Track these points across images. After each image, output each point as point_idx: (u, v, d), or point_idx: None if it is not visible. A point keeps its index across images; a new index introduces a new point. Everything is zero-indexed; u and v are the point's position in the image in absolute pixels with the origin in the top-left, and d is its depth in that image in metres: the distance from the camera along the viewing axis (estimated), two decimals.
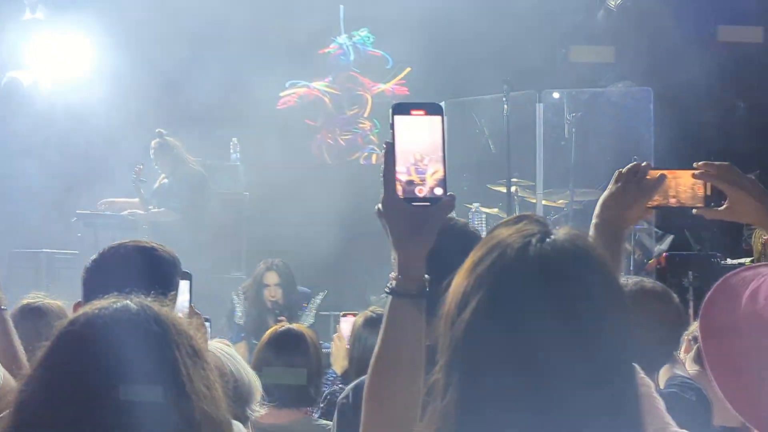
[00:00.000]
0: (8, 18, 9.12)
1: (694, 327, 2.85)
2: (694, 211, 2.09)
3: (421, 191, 1.45)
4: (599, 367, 1.16)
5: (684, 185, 2.06)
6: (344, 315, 4.32)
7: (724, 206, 2.05)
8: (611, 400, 1.16)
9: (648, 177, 2.03)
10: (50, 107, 8.88)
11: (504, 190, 7.49)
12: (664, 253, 7.22)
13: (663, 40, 8.90)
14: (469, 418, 1.17)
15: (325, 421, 3.46)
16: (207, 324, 2.56)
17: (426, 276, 1.49)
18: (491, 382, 1.16)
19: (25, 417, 1.43)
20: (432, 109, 1.48)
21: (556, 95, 8.02)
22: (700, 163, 2.06)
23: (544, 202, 7.87)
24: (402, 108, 1.48)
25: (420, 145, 1.46)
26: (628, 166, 2.05)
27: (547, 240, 1.21)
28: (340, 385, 3.98)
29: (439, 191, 1.46)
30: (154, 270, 2.29)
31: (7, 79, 9.07)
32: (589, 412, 1.15)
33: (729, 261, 6.91)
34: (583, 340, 1.15)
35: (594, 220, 2.00)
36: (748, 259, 6.24)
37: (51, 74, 9.20)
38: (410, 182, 1.45)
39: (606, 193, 2.04)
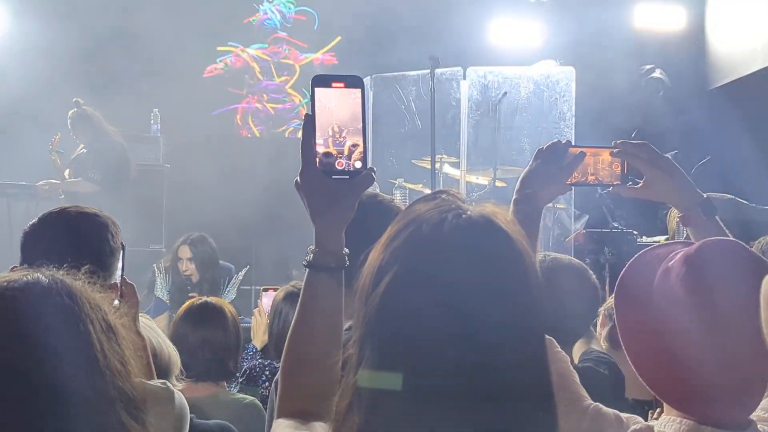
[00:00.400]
0: None
1: (610, 302, 2.90)
2: (611, 188, 2.12)
3: (341, 164, 1.43)
4: (511, 341, 1.16)
5: (602, 163, 2.09)
6: (265, 289, 4.29)
7: (640, 184, 2.09)
8: (520, 374, 1.17)
9: (568, 154, 2.06)
10: None
11: (429, 166, 7.50)
12: (581, 230, 7.34)
13: (586, 21, 9.01)
14: (381, 392, 1.16)
15: (241, 395, 3.44)
16: None
17: (345, 249, 1.48)
18: (403, 356, 1.15)
19: None
20: (352, 81, 1.46)
21: (481, 73, 8.05)
22: (618, 141, 2.09)
23: (467, 178, 7.92)
24: (322, 80, 1.46)
25: (339, 117, 1.44)
26: (549, 143, 2.07)
27: (463, 216, 1.20)
28: (259, 360, 3.96)
29: (358, 164, 1.44)
30: (95, 236, 2.24)
31: None
32: (504, 383, 1.15)
33: (645, 239, 7.05)
34: (495, 314, 1.15)
35: (514, 196, 2.02)
36: (663, 237, 6.37)
37: None
38: (328, 155, 1.43)
39: (527, 169, 2.05)
